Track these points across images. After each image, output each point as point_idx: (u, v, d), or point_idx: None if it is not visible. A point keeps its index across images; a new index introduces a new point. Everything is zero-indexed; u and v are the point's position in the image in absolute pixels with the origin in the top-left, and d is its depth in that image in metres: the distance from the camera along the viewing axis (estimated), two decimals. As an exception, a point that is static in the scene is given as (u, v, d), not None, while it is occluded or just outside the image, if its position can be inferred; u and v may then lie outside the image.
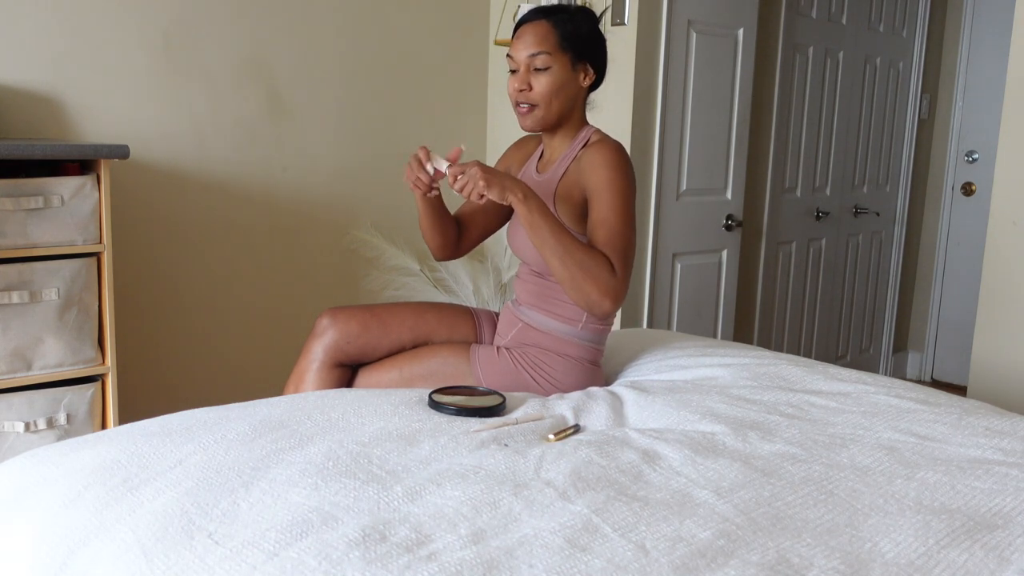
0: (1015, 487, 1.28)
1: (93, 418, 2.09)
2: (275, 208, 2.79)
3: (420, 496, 1.18)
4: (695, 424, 1.53)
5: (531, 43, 1.74)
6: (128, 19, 2.44)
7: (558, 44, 1.74)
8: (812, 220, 3.77)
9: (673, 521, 1.13)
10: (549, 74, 1.74)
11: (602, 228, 1.67)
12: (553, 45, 1.74)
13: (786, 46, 3.43)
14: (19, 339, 1.97)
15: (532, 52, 1.74)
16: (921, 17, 4.10)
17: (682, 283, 3.09)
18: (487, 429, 1.46)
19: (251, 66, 2.68)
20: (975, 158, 4.21)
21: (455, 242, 1.96)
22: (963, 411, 1.62)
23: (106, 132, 2.43)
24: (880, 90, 4.00)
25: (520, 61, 1.76)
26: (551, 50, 1.74)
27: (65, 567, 1.09)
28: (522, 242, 1.83)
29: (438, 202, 1.86)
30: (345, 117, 2.92)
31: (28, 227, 1.95)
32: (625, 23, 2.82)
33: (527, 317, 1.85)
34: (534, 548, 1.04)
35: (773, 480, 1.28)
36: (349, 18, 2.88)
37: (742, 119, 3.16)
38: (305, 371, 1.82)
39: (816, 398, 1.68)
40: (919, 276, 4.47)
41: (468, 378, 1.78)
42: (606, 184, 1.69)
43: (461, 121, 3.24)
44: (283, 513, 1.12)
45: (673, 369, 1.90)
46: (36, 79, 2.31)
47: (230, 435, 1.38)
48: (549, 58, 1.73)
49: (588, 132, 1.84)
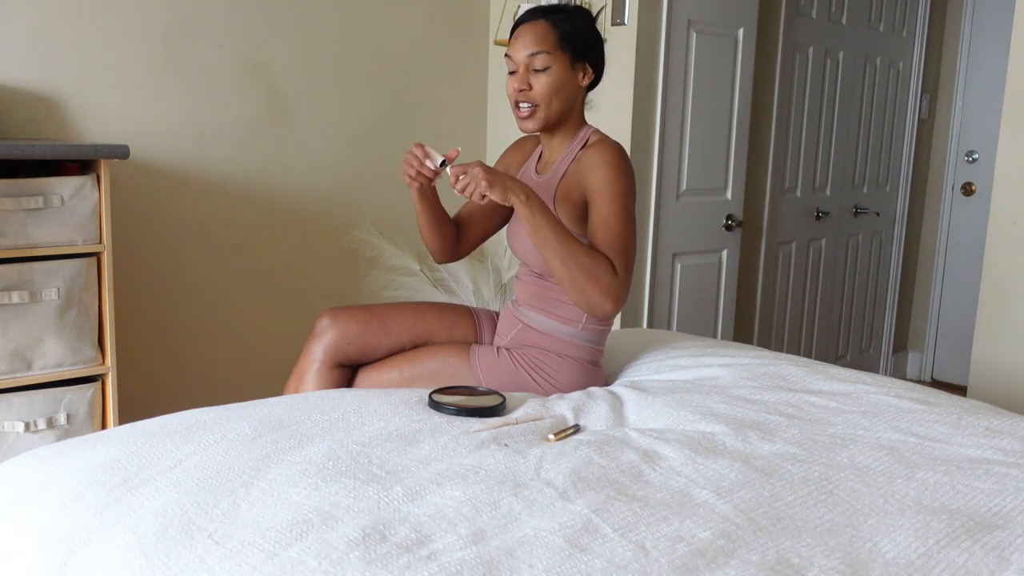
0: (1015, 487, 1.28)
1: (93, 418, 2.09)
2: (275, 208, 2.79)
3: (420, 496, 1.18)
4: (695, 424, 1.53)
5: (530, 43, 1.74)
6: (128, 19, 2.44)
7: (557, 43, 1.74)
8: (812, 220, 3.77)
9: (673, 521, 1.13)
10: (549, 74, 1.74)
11: (603, 229, 1.67)
12: (552, 44, 1.74)
13: (786, 46, 3.43)
14: (19, 339, 1.97)
15: (531, 52, 1.74)
16: (921, 17, 4.10)
17: (682, 283, 3.09)
18: (487, 429, 1.46)
19: (251, 66, 2.68)
20: (975, 158, 4.21)
21: (454, 244, 1.96)
22: (963, 411, 1.62)
23: (106, 132, 2.43)
24: (880, 90, 4.00)
25: (519, 61, 1.75)
26: (550, 49, 1.73)
27: (65, 567, 1.09)
28: (523, 243, 1.83)
29: (435, 202, 1.87)
30: (345, 117, 2.92)
31: (28, 227, 1.95)
32: (625, 23, 2.82)
33: (527, 318, 1.85)
34: (534, 548, 1.04)
35: (773, 480, 1.28)
36: (349, 18, 2.88)
37: (742, 119, 3.16)
38: (305, 371, 1.82)
39: (816, 398, 1.68)
40: (919, 276, 4.47)
41: (468, 378, 1.78)
42: (606, 185, 1.69)
43: (461, 121, 3.24)
44: (283, 513, 1.12)
45: (673, 369, 1.90)
46: (36, 79, 2.31)
47: (230, 435, 1.38)
48: (548, 57, 1.73)
49: (587, 132, 1.83)
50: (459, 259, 2.02)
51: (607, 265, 1.63)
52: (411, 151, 1.72)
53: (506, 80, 1.81)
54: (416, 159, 1.72)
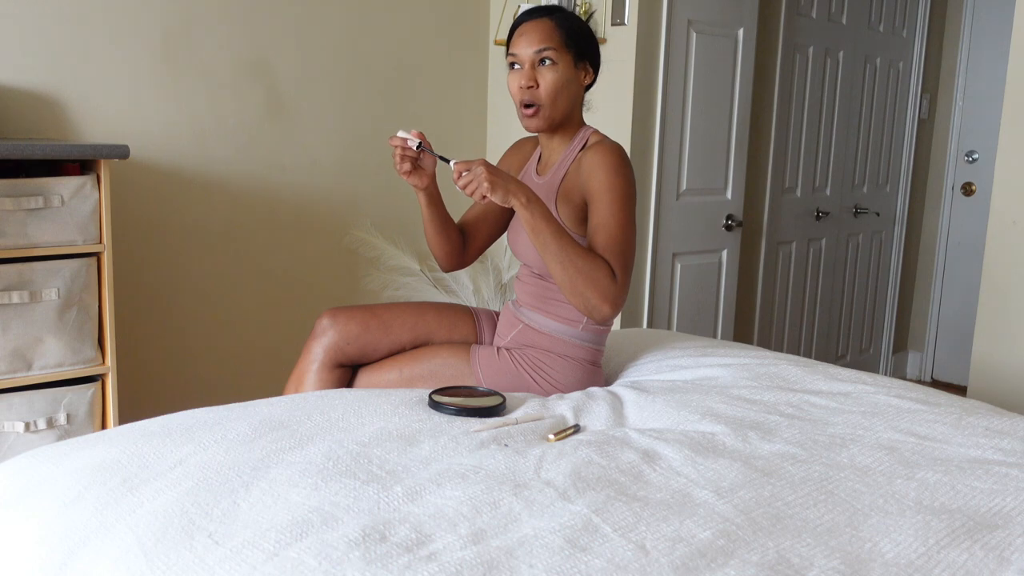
0: (1015, 487, 1.28)
1: (93, 418, 2.09)
2: (275, 208, 2.79)
3: (420, 496, 1.18)
4: (695, 424, 1.53)
5: (536, 39, 1.73)
6: (128, 19, 2.44)
7: (563, 42, 1.74)
8: (812, 220, 3.77)
9: (673, 521, 1.13)
10: (555, 70, 1.73)
11: (602, 232, 1.67)
12: (558, 42, 1.73)
13: (786, 46, 3.43)
14: (19, 339, 1.97)
15: (539, 48, 1.73)
16: (921, 17, 4.10)
17: (682, 283, 3.09)
18: (487, 429, 1.46)
19: (251, 66, 2.68)
20: (975, 158, 4.21)
21: (460, 250, 1.96)
22: (963, 411, 1.62)
23: (106, 132, 2.43)
24: (880, 90, 4.00)
25: (525, 58, 1.74)
26: (556, 47, 1.73)
27: (65, 567, 1.09)
28: (523, 244, 1.83)
29: (442, 208, 1.87)
30: (345, 117, 2.92)
31: (28, 227, 1.95)
32: (625, 23, 2.82)
33: (527, 318, 1.85)
34: (534, 548, 1.04)
35: (773, 480, 1.28)
36: (349, 18, 2.88)
37: (742, 119, 3.16)
38: (305, 371, 1.82)
39: (816, 398, 1.68)
40: (919, 276, 4.47)
41: (468, 378, 1.78)
42: (606, 188, 1.69)
43: (461, 121, 3.24)
44: (283, 513, 1.12)
45: (673, 369, 1.90)
46: (36, 79, 2.31)
47: (230, 435, 1.38)
48: (555, 54, 1.73)
49: (586, 133, 1.83)
50: (465, 266, 2.01)
51: (606, 269, 1.62)
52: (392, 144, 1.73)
53: (508, 78, 1.79)
54: (399, 141, 1.72)
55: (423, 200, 1.83)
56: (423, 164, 1.77)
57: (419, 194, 1.82)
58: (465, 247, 1.97)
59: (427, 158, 1.77)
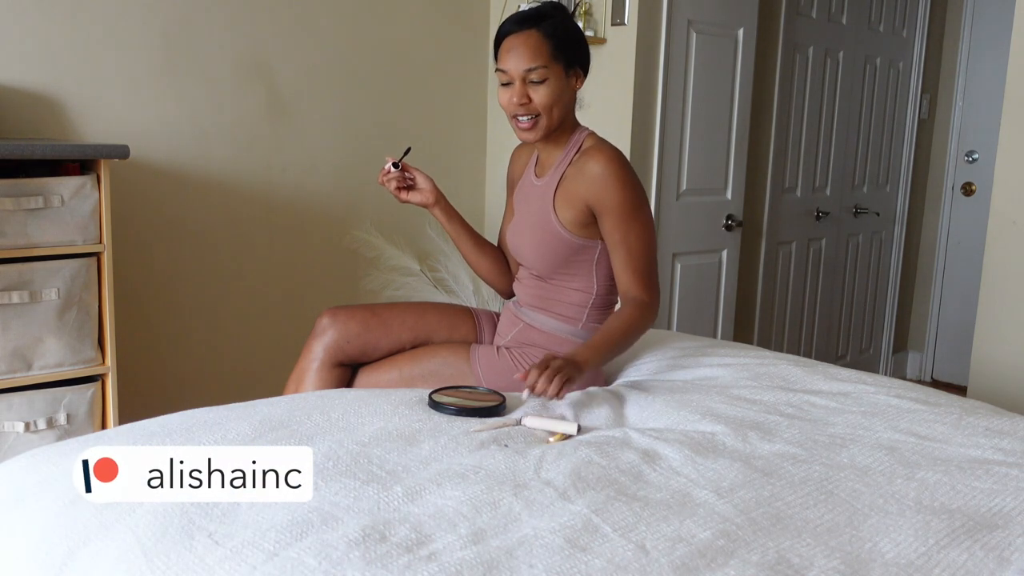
0: (1015, 487, 1.28)
1: (93, 418, 2.09)
2: (275, 208, 2.79)
3: (420, 496, 1.18)
4: (695, 424, 1.53)
5: (525, 57, 1.69)
6: (128, 19, 2.44)
7: (552, 55, 1.70)
8: (812, 220, 3.77)
9: (673, 521, 1.13)
10: (547, 85, 1.71)
11: (622, 249, 1.74)
12: (547, 57, 1.70)
13: (786, 46, 3.43)
14: (19, 339, 1.97)
15: (528, 67, 1.69)
16: (921, 17, 4.10)
17: (682, 283, 3.09)
18: (487, 429, 1.46)
19: (251, 66, 2.68)
20: (975, 158, 4.21)
21: (506, 268, 2.00)
22: (963, 411, 1.62)
23: (106, 132, 2.43)
24: (880, 90, 4.00)
25: (515, 74, 1.71)
26: (546, 63, 1.70)
27: (65, 567, 1.09)
28: (522, 246, 1.83)
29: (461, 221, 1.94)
30: (345, 117, 2.92)
31: (28, 227, 1.95)
32: (625, 23, 2.82)
33: (528, 317, 1.85)
34: (534, 548, 1.04)
35: (773, 480, 1.28)
36: (349, 18, 2.88)
37: (742, 119, 3.16)
38: (305, 371, 1.82)
39: (816, 398, 1.68)
40: (919, 276, 4.47)
41: (468, 378, 1.78)
42: (616, 201, 1.71)
43: (461, 121, 3.24)
44: (283, 513, 1.12)
45: (673, 369, 1.90)
46: (36, 79, 2.31)
47: (230, 435, 1.38)
48: (546, 71, 1.70)
49: (581, 135, 1.82)
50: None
51: (636, 305, 1.74)
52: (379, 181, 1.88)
53: (498, 91, 1.76)
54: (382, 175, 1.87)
55: (441, 218, 1.91)
56: (416, 183, 1.88)
57: (433, 212, 1.90)
58: (509, 263, 2.01)
59: (414, 173, 1.88)
